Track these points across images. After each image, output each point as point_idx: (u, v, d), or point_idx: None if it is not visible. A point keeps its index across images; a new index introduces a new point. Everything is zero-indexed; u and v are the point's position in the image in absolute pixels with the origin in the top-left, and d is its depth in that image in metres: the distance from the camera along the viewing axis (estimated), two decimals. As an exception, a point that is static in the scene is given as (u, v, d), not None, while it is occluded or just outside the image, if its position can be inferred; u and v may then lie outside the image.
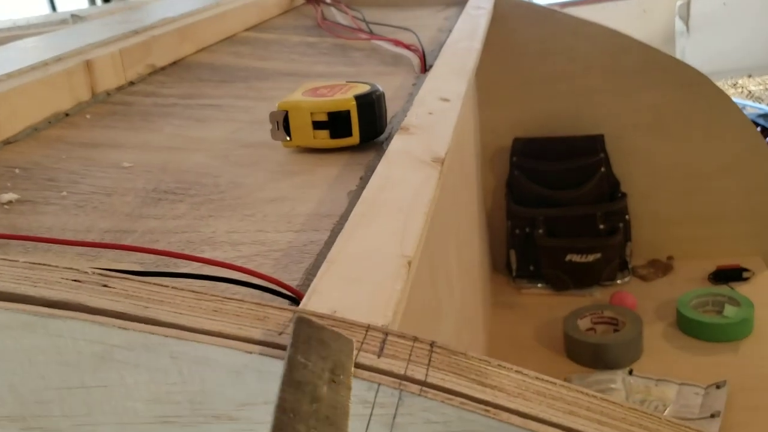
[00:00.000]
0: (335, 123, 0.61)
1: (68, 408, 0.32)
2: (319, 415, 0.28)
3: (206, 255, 0.45)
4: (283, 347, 0.31)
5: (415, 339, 0.32)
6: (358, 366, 0.30)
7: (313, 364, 0.29)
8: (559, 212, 1.47)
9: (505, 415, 0.29)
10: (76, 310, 0.31)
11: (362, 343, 0.31)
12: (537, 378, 0.31)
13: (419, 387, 0.29)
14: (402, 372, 0.30)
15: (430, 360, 0.31)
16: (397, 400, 0.29)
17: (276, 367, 0.30)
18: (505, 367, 0.31)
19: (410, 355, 0.31)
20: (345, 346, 0.31)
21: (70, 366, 0.32)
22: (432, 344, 0.32)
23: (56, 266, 0.34)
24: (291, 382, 0.28)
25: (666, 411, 1.09)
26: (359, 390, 0.30)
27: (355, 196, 0.52)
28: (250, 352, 0.30)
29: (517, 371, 0.31)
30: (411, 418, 0.29)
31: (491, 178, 1.57)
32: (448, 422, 0.29)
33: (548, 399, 0.30)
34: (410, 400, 0.29)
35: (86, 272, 0.33)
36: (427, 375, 0.30)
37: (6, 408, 0.33)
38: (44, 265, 0.34)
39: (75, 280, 0.33)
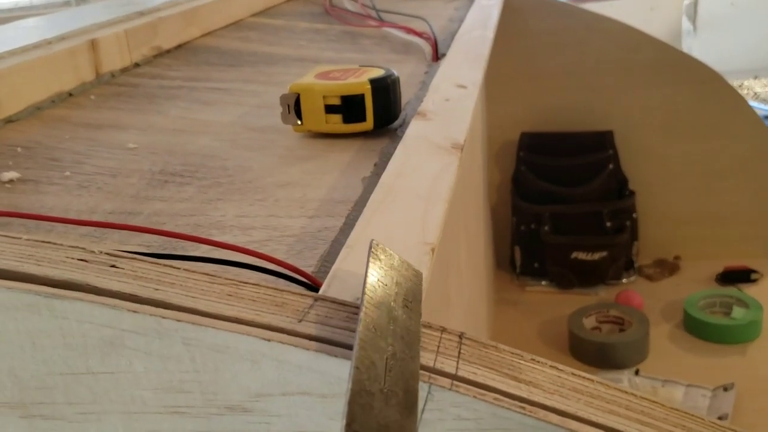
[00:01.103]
0: (348, 107, 0.59)
1: (73, 395, 0.30)
2: (396, 335, 0.27)
3: (216, 239, 0.43)
4: (302, 335, 0.29)
5: (443, 330, 0.30)
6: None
7: (389, 287, 0.29)
8: (565, 209, 1.44)
9: (542, 413, 0.27)
10: (83, 291, 0.29)
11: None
12: (573, 374, 0.29)
13: (450, 381, 0.27)
14: (431, 364, 0.28)
15: (459, 352, 0.29)
16: (426, 395, 0.27)
17: (294, 357, 0.28)
18: (539, 362, 0.29)
19: (438, 346, 0.29)
20: (415, 276, 0.31)
21: (75, 350, 0.29)
22: (461, 335, 0.30)
23: (61, 244, 0.32)
24: (372, 301, 0.28)
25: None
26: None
27: (369, 183, 0.50)
28: (269, 340, 0.28)
29: (551, 366, 0.29)
30: (440, 413, 0.27)
31: (497, 173, 1.54)
32: (480, 419, 0.27)
33: (586, 396, 0.28)
34: (440, 394, 0.27)
35: (93, 251, 0.31)
36: (457, 368, 0.28)
37: (5, 394, 0.31)
38: (49, 243, 0.32)
39: (81, 260, 0.31)
